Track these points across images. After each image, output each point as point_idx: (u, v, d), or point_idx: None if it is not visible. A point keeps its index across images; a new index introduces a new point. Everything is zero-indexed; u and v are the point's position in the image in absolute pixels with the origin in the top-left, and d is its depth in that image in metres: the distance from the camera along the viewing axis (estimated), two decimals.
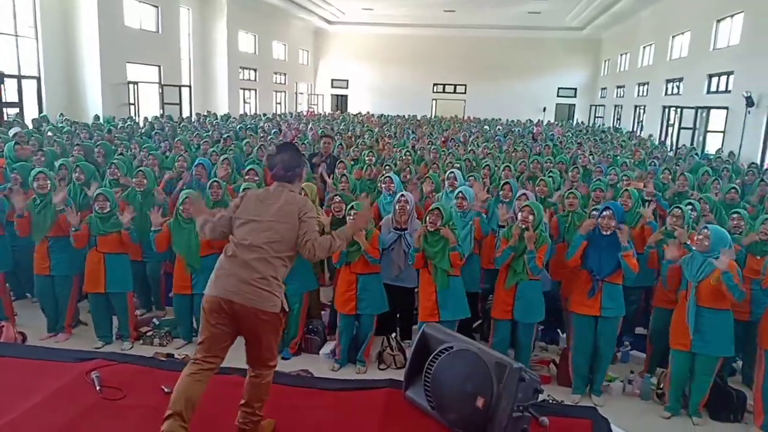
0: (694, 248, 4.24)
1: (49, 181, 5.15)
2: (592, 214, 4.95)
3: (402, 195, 5.17)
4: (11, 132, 9.66)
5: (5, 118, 13.47)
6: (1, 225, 5.36)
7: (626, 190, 5.57)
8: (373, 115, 25.28)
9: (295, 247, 2.84)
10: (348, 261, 4.79)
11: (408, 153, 8.29)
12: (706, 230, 4.21)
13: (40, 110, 15.09)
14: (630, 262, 4.30)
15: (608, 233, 4.41)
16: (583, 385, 4.66)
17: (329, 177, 7.10)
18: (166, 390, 3.17)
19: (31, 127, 11.79)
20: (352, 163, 8.08)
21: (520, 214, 4.64)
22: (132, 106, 17.74)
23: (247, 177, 6.20)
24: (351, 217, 4.67)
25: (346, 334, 4.96)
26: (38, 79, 15.42)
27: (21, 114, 14.21)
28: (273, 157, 2.98)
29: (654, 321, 4.94)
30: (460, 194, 5.18)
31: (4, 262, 5.40)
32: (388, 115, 24.56)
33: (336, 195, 5.35)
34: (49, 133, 10.41)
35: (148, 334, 5.35)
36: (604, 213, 4.46)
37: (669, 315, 4.52)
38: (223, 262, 2.80)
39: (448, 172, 6.19)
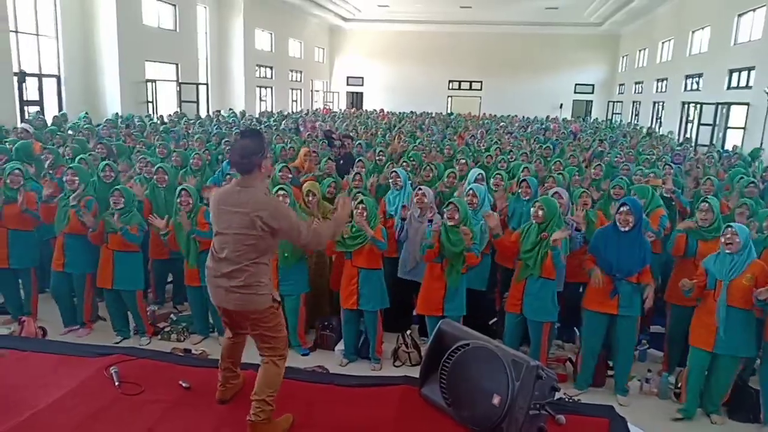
0: (726, 250, 4.10)
1: (77, 177, 5.20)
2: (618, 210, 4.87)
3: (420, 188, 5.19)
4: (20, 127, 9.74)
5: (26, 116, 13.66)
6: (33, 220, 5.41)
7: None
8: (388, 112, 25.25)
9: (268, 250, 2.87)
10: (349, 254, 4.80)
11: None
12: (731, 228, 4.10)
13: (60, 108, 15.30)
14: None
15: (626, 229, 4.34)
16: (587, 383, 4.65)
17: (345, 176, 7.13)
18: (184, 385, 3.21)
19: (50, 125, 11.93)
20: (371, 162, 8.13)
21: (531, 209, 4.64)
22: (150, 104, 17.91)
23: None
24: (358, 210, 4.67)
25: (349, 329, 4.98)
26: (58, 77, 15.63)
27: (42, 112, 14.40)
28: (234, 142, 2.93)
29: (671, 319, 4.87)
30: (471, 191, 5.16)
31: (34, 257, 5.52)
32: (403, 113, 24.49)
33: (358, 192, 5.40)
34: (70, 132, 10.54)
35: (165, 329, 5.40)
36: (621, 209, 4.40)
37: (686, 312, 4.46)
38: (208, 272, 2.91)
39: (471, 171, 6.17)
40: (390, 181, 6.01)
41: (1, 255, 5.32)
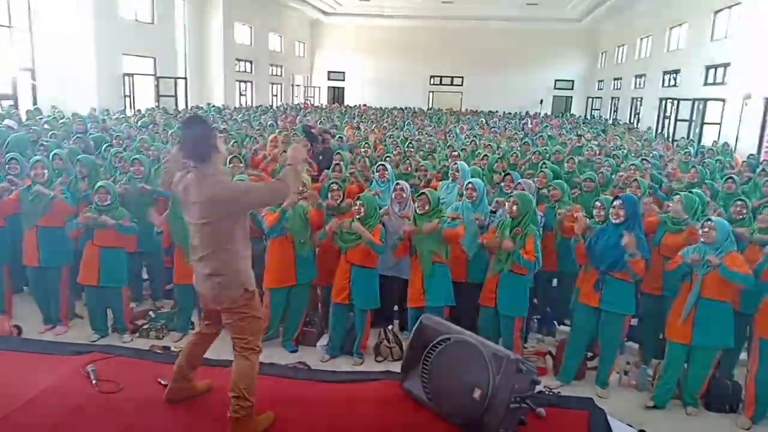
0: (701, 240, 4.19)
1: (46, 170, 5.11)
2: (596, 205, 4.91)
3: (398, 183, 5.19)
4: (4, 124, 9.62)
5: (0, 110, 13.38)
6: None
7: (635, 180, 5.66)
8: (369, 107, 25.23)
9: (238, 228, 2.83)
10: (345, 248, 4.77)
11: (410, 145, 8.38)
12: (710, 222, 4.17)
13: (34, 102, 15.00)
14: (635, 267, 4.21)
15: (617, 221, 4.30)
16: (569, 375, 4.68)
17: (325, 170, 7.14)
18: (162, 382, 3.18)
19: (25, 119, 11.72)
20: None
21: (506, 205, 4.65)
22: (127, 99, 17.65)
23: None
24: (356, 207, 4.70)
25: (337, 324, 4.96)
26: (32, 71, 15.32)
27: (15, 106, 14.11)
28: (181, 135, 2.90)
29: (643, 308, 4.92)
30: (470, 185, 5.15)
31: (4, 255, 5.38)
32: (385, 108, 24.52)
33: (334, 182, 5.38)
34: (46, 126, 10.35)
35: (144, 327, 5.32)
36: (615, 203, 4.39)
37: (657, 301, 4.52)
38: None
39: (452, 164, 6.19)
40: (377, 174, 6.02)
41: None
